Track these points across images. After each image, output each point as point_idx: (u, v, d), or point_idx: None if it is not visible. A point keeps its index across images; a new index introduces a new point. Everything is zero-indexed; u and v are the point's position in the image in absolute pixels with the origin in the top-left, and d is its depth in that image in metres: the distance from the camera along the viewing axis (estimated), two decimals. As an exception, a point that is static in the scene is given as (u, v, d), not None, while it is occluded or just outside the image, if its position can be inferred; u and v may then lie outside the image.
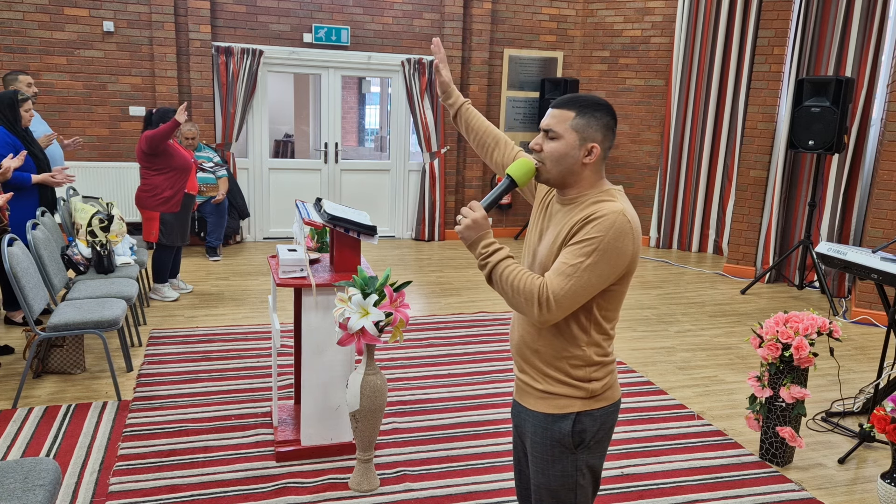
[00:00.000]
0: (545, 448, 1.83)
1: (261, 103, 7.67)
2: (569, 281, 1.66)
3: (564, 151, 1.75)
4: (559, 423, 1.80)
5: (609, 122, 1.77)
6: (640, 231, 1.73)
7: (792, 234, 6.88)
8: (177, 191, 5.34)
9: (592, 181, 1.78)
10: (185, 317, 5.19)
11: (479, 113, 2.12)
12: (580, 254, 1.67)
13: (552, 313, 1.68)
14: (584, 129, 1.74)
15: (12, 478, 2.17)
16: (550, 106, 1.80)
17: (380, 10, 7.84)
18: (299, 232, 3.50)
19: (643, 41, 8.18)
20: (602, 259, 1.66)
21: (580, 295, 1.68)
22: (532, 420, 1.85)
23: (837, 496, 3.12)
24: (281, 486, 2.98)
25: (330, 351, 3.14)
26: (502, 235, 8.80)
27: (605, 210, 1.69)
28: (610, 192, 1.77)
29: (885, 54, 6.20)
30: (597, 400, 1.81)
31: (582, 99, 1.76)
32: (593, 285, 1.68)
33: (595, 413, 1.81)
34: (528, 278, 1.69)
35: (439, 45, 2.13)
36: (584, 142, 1.75)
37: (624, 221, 1.68)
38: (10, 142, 4.48)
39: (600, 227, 1.67)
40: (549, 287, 1.67)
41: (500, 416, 3.75)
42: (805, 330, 3.22)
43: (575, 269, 1.66)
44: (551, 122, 1.77)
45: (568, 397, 1.80)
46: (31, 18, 6.75)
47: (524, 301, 1.69)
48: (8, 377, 4.01)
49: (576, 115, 1.75)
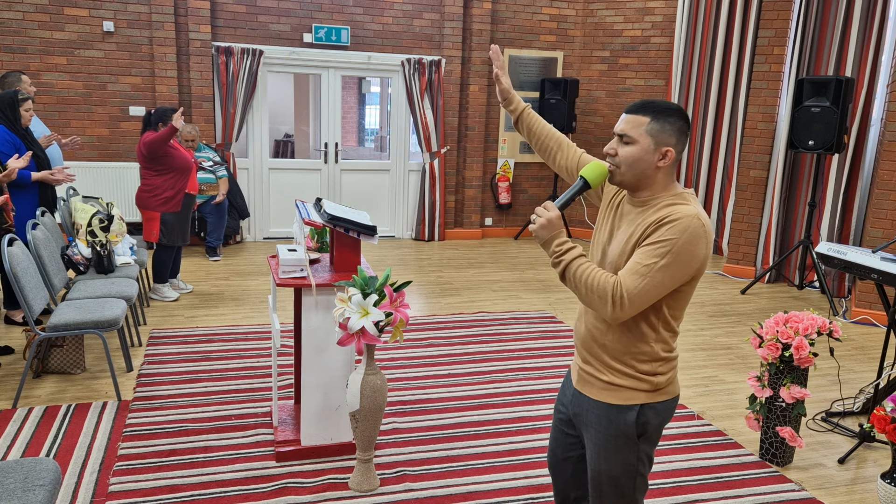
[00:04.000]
0: (609, 438, 1.89)
1: (261, 103, 7.67)
2: (642, 280, 1.72)
3: (639, 156, 1.79)
4: (624, 414, 1.87)
5: (683, 126, 1.81)
6: (712, 235, 1.80)
7: (792, 234, 6.88)
8: (177, 191, 5.35)
9: (665, 184, 1.83)
10: (185, 317, 5.19)
11: (540, 117, 2.19)
12: (654, 255, 1.72)
13: (625, 311, 1.74)
14: (659, 134, 1.79)
15: (12, 478, 2.17)
16: (625, 111, 1.85)
17: (380, 10, 7.84)
18: (299, 232, 3.50)
19: (643, 41, 8.18)
20: (675, 261, 1.72)
21: (652, 294, 1.74)
22: (595, 410, 1.91)
23: (837, 496, 3.12)
24: (281, 486, 2.98)
25: (330, 351, 3.14)
26: (502, 236, 8.80)
27: (679, 213, 1.74)
28: (683, 196, 1.82)
29: (885, 54, 6.20)
30: (660, 393, 1.88)
31: (656, 104, 1.81)
32: (665, 285, 1.74)
33: (658, 406, 1.88)
34: (602, 276, 1.76)
35: (498, 53, 2.15)
36: (659, 146, 1.79)
37: (698, 225, 1.73)
38: (10, 140, 4.48)
39: (675, 230, 1.72)
40: (623, 285, 1.73)
41: (500, 416, 3.75)
42: (805, 330, 3.22)
43: (649, 269, 1.72)
44: (626, 128, 1.81)
45: (633, 390, 1.87)
46: (31, 18, 6.74)
47: (598, 298, 1.75)
48: (8, 377, 4.01)
49: (650, 120, 1.79)
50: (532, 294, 6.16)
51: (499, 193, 8.66)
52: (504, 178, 8.63)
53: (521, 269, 7.07)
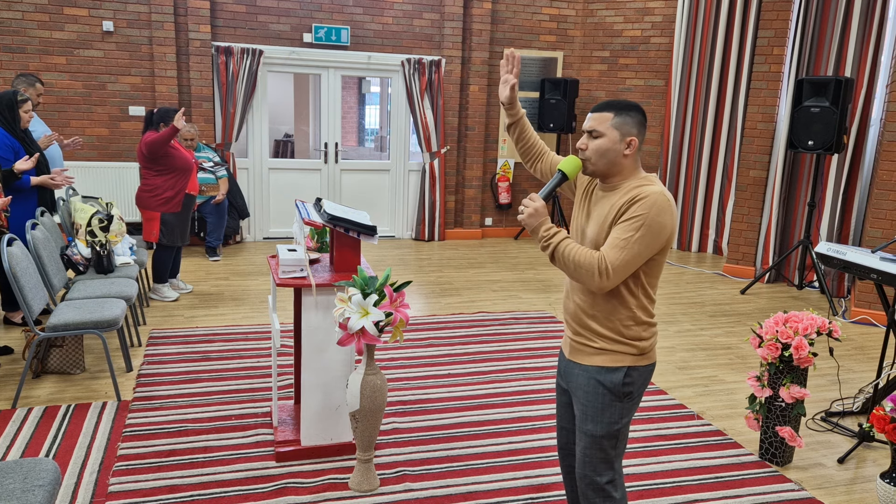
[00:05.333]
0: (596, 397, 2.13)
1: (261, 103, 7.67)
2: (622, 252, 1.98)
3: (608, 146, 2.06)
4: (612, 374, 2.11)
5: (641, 119, 2.09)
6: (676, 209, 2.08)
7: (791, 234, 6.88)
8: (178, 191, 5.35)
9: (632, 169, 2.10)
10: (185, 317, 5.19)
11: (531, 125, 2.43)
12: (630, 229, 1.98)
13: (610, 280, 1.99)
14: (622, 126, 2.06)
15: (12, 478, 2.16)
16: (590, 111, 2.12)
17: (380, 10, 7.84)
18: (299, 232, 3.50)
19: (643, 41, 8.18)
20: (648, 232, 1.98)
21: (632, 263, 2.00)
22: (585, 374, 2.15)
23: (837, 496, 3.12)
24: (281, 486, 2.98)
25: (330, 351, 3.14)
26: (502, 236, 8.80)
27: (647, 192, 2.00)
28: (648, 178, 2.08)
29: (885, 54, 6.20)
30: (643, 357, 2.14)
31: (617, 102, 2.08)
32: (642, 255, 2.00)
33: (641, 369, 2.14)
34: (587, 253, 2.01)
35: (518, 59, 2.26)
36: (624, 137, 2.06)
37: (664, 200, 2.00)
38: (10, 144, 4.46)
39: (644, 206, 1.98)
40: (607, 258, 1.98)
41: (500, 416, 3.75)
42: (805, 330, 3.22)
43: (627, 241, 1.98)
44: (594, 124, 2.08)
45: (621, 353, 2.11)
46: (31, 18, 6.74)
47: (586, 272, 2.00)
48: (7, 377, 4.01)
49: (614, 115, 2.06)
50: (532, 294, 6.16)
51: (499, 193, 8.66)
52: (504, 178, 8.63)
53: (521, 269, 7.07)
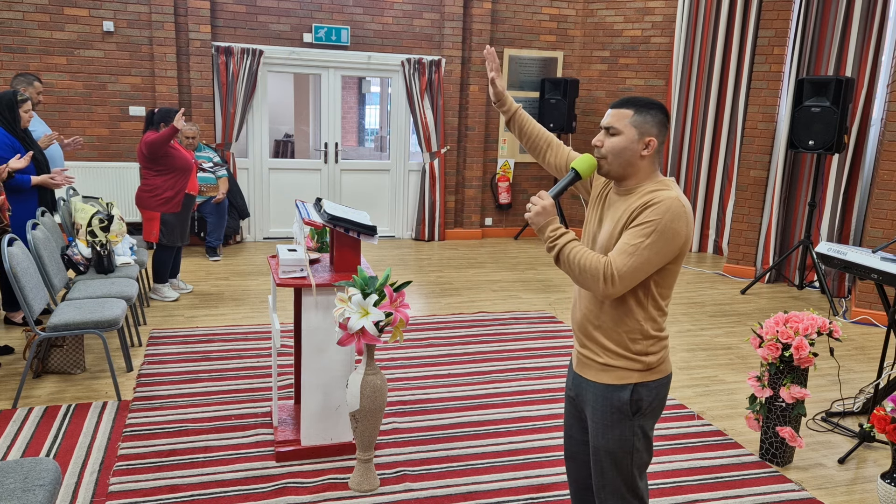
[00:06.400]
0: (605, 414, 2.02)
1: (261, 103, 7.67)
2: (630, 258, 1.86)
3: (625, 145, 1.94)
4: (619, 392, 2.00)
5: (663, 119, 1.96)
6: (692, 216, 1.93)
7: (792, 234, 6.88)
8: (178, 191, 5.35)
9: (648, 172, 1.97)
10: (185, 317, 5.19)
11: (531, 118, 2.31)
12: (640, 234, 1.86)
13: (615, 287, 1.87)
14: (642, 125, 1.93)
15: (12, 478, 2.17)
16: (610, 107, 2.00)
17: (380, 10, 7.84)
18: (299, 232, 3.50)
19: (643, 41, 8.18)
20: (660, 239, 1.86)
21: (640, 271, 1.87)
22: (593, 390, 2.05)
23: (837, 496, 3.12)
24: (281, 486, 2.98)
25: (330, 351, 3.14)
26: (502, 236, 8.80)
27: (661, 196, 1.89)
28: (665, 182, 1.96)
29: (885, 54, 6.20)
30: (652, 372, 2.01)
31: (638, 99, 1.96)
32: (652, 262, 1.88)
33: (651, 384, 2.01)
34: (594, 257, 1.89)
35: (494, 55, 2.23)
36: (642, 136, 1.94)
37: (679, 206, 1.88)
38: (9, 143, 4.47)
39: (658, 211, 1.86)
40: (613, 264, 1.87)
41: (500, 416, 3.75)
42: (805, 330, 3.22)
43: (636, 247, 1.86)
44: (612, 120, 1.96)
45: (627, 370, 1.99)
46: (31, 18, 6.74)
47: (590, 277, 1.88)
48: (8, 377, 4.01)
49: (634, 112, 1.94)
50: (532, 294, 6.16)
51: (499, 193, 8.66)
52: (504, 178, 8.63)
53: (521, 269, 7.07)
